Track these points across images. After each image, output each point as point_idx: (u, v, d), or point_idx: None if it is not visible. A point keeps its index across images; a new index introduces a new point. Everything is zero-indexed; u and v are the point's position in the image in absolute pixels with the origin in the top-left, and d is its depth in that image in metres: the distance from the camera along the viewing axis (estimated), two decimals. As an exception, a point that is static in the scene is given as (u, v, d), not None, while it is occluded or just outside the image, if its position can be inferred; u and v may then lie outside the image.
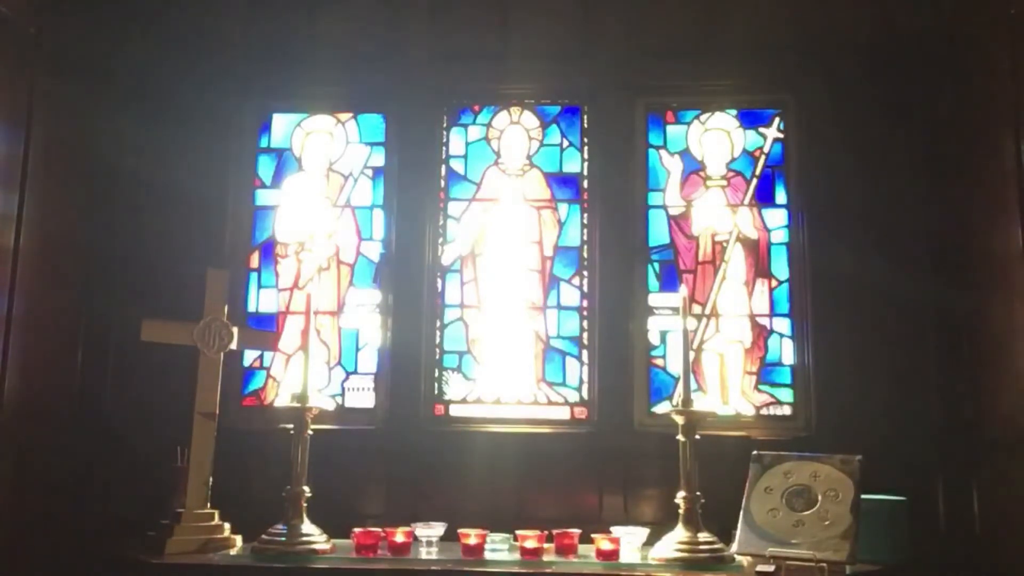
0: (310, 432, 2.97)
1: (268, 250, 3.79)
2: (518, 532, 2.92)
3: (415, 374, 3.58)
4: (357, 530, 2.95)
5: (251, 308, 3.73)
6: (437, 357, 3.66)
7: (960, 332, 3.32)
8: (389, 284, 3.68)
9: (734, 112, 3.79)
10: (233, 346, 3.16)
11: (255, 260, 3.78)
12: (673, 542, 2.78)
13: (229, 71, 3.76)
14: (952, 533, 3.24)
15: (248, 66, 3.78)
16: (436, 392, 3.63)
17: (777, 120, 3.75)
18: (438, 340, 3.67)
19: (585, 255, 3.70)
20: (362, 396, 3.65)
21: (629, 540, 2.95)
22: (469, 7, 3.79)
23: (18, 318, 2.93)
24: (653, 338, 3.62)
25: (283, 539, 2.84)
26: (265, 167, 3.86)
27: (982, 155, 3.17)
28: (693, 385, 3.11)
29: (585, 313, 3.65)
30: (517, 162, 3.81)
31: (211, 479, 3.01)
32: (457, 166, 3.82)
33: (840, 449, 2.93)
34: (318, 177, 3.84)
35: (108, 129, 3.52)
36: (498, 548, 2.90)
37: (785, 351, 3.58)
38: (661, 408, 3.53)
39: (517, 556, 2.85)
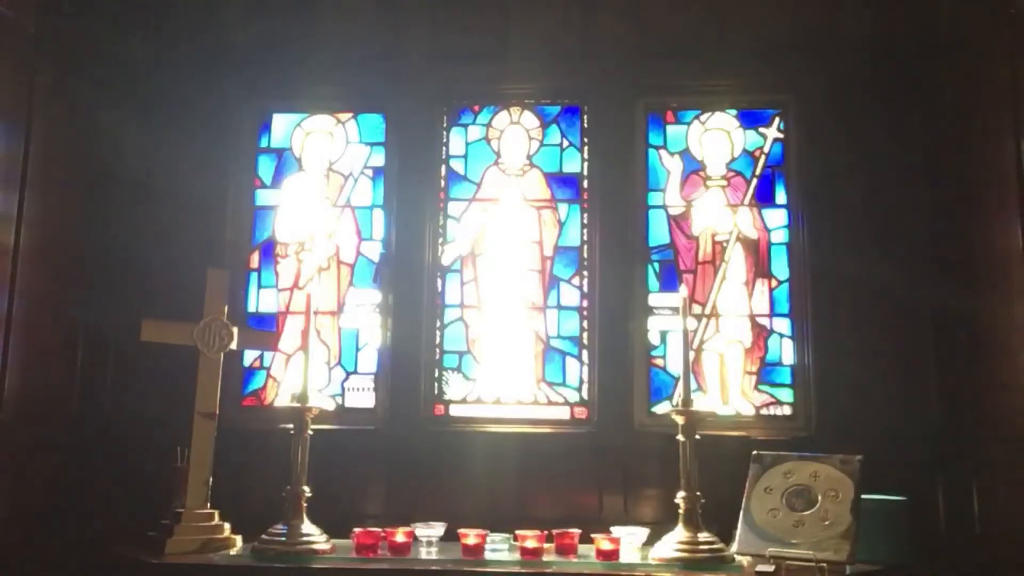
0: (310, 432, 2.97)
1: (268, 250, 3.79)
2: (518, 532, 2.92)
3: (415, 374, 3.58)
4: (357, 530, 2.95)
5: (251, 308, 3.74)
6: (437, 357, 3.66)
7: (960, 332, 3.31)
8: (389, 284, 3.68)
9: (734, 112, 3.79)
10: (233, 346, 3.16)
11: (255, 260, 3.78)
12: (673, 542, 2.78)
13: (229, 71, 3.76)
14: (952, 533, 3.24)
15: (248, 66, 3.78)
16: (436, 392, 3.63)
17: (777, 120, 3.75)
18: (438, 340, 3.67)
19: (585, 255, 3.70)
20: (362, 396, 3.65)
21: (629, 540, 2.96)
22: (469, 7, 3.79)
23: (18, 318, 2.93)
24: (653, 338, 3.62)
25: (283, 539, 2.84)
26: (265, 167, 3.86)
27: (982, 155, 3.16)
28: (693, 385, 3.11)
29: (585, 313, 3.65)
30: (517, 162, 3.81)
31: (211, 479, 3.01)
32: (457, 166, 3.82)
33: (840, 449, 2.94)
34: (318, 177, 3.84)
35: (108, 129, 3.52)
36: (498, 548, 2.90)
37: (785, 351, 3.58)
38: (661, 408, 3.53)
39: (517, 556, 2.85)
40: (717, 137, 3.77)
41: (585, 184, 3.75)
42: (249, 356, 3.69)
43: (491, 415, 3.58)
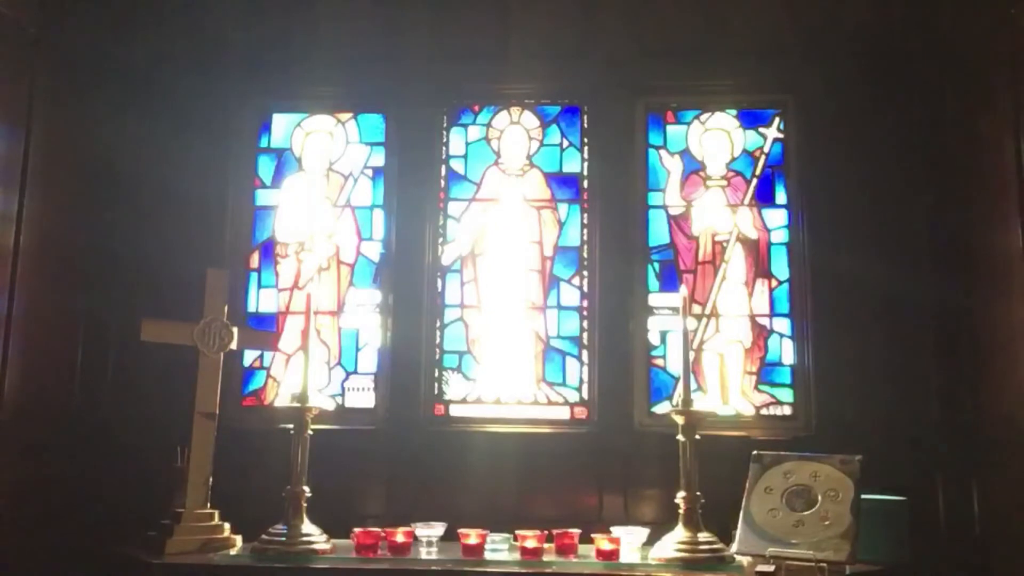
0: (310, 432, 2.97)
1: (268, 250, 3.79)
2: (518, 532, 2.91)
3: (415, 374, 3.58)
4: (357, 530, 2.95)
5: (251, 308, 3.73)
6: (437, 357, 3.66)
7: (960, 332, 3.32)
8: (389, 284, 3.68)
9: (734, 112, 3.79)
10: (233, 346, 3.17)
11: (255, 260, 3.78)
12: (673, 542, 2.78)
13: (229, 71, 3.76)
14: (952, 533, 3.24)
15: (248, 66, 3.78)
16: (436, 392, 3.62)
17: (777, 120, 3.75)
18: (438, 340, 3.67)
19: (585, 255, 3.70)
20: (362, 396, 3.65)
21: (629, 540, 2.95)
22: (469, 7, 3.79)
23: (18, 318, 2.93)
24: (653, 338, 3.62)
25: (283, 539, 2.84)
26: (265, 167, 3.86)
27: (982, 155, 3.17)
28: (693, 385, 3.11)
29: (585, 313, 3.65)
30: (517, 162, 3.81)
31: (211, 479, 3.01)
32: (457, 166, 3.82)
33: (840, 449, 2.94)
34: (318, 177, 3.84)
35: (108, 129, 3.52)
36: (498, 548, 2.90)
37: (785, 351, 3.58)
38: (661, 408, 3.53)
39: (517, 556, 2.85)
40: (717, 137, 3.77)
41: (585, 184, 3.75)
42: (249, 356, 3.68)
43: (491, 415, 3.58)
